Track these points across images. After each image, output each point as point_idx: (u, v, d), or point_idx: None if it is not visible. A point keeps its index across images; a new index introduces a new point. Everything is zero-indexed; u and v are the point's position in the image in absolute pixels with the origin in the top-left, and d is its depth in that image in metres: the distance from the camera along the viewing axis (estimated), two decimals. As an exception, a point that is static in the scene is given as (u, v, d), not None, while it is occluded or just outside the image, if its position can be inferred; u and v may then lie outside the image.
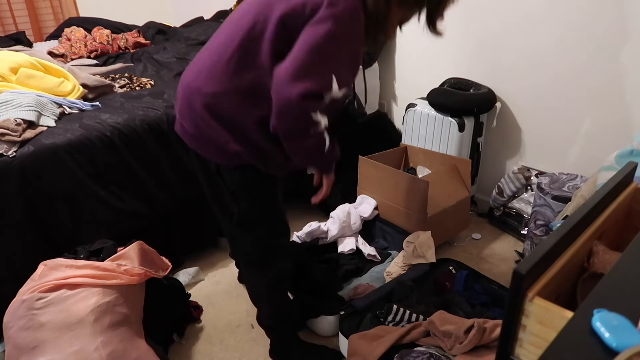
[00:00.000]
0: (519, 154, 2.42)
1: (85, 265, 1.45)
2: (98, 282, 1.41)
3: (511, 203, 2.36)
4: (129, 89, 2.31)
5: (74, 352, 1.29)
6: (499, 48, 2.30)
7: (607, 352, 0.58)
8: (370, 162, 2.26)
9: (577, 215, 0.82)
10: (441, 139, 2.40)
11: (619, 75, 1.93)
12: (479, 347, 1.48)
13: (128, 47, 3.13)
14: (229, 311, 1.96)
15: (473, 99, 2.30)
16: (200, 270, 2.15)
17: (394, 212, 2.21)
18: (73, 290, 1.38)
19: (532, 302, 0.69)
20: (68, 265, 1.45)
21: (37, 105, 1.83)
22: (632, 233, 0.85)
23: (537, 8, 2.10)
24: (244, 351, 1.77)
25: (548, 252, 0.72)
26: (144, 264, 1.54)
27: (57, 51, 2.89)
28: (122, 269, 1.48)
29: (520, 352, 0.73)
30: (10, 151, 1.65)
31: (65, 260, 1.47)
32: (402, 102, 2.89)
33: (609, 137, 2.02)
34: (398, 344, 1.52)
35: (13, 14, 3.53)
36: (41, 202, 1.71)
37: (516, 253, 2.27)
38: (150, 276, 1.56)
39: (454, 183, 2.26)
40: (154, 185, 1.98)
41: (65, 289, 1.38)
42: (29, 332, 1.32)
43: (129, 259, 1.52)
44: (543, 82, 2.18)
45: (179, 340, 1.79)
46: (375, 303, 1.74)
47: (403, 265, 1.97)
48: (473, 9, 2.34)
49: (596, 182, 1.62)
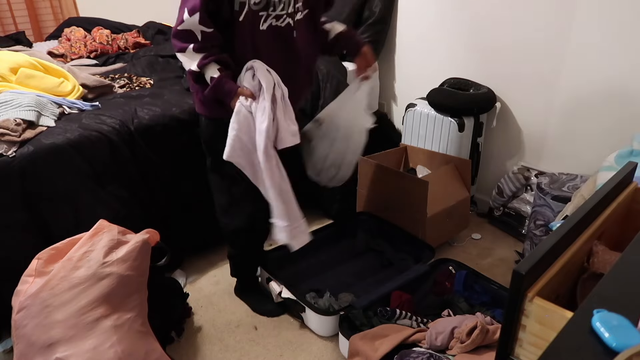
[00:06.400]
0: (519, 154, 2.42)
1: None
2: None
3: (511, 203, 2.36)
4: (129, 89, 2.31)
5: (89, 349, 1.30)
6: (499, 48, 2.30)
7: (607, 352, 0.58)
8: (370, 162, 2.26)
9: (577, 215, 0.82)
10: (441, 139, 2.40)
11: (619, 75, 1.93)
12: (480, 347, 1.48)
13: (128, 47, 3.12)
14: (229, 311, 1.96)
15: (473, 99, 2.30)
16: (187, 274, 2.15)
17: (394, 212, 2.21)
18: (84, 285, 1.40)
19: (532, 302, 0.69)
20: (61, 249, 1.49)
21: (37, 105, 1.83)
22: (632, 233, 0.85)
23: (537, 8, 2.10)
24: (243, 351, 1.77)
25: (548, 252, 0.72)
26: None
27: (57, 51, 2.89)
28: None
29: (520, 352, 0.73)
30: (10, 151, 1.65)
31: (56, 246, 1.50)
32: (402, 102, 2.89)
33: (609, 137, 2.02)
34: (398, 344, 1.52)
35: (13, 14, 3.52)
36: (41, 202, 1.71)
37: (516, 253, 2.27)
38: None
39: (454, 183, 2.26)
40: (154, 185, 1.98)
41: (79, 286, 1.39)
42: (45, 329, 1.32)
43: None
44: (543, 82, 2.18)
45: (178, 339, 1.80)
46: (375, 303, 1.75)
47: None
48: (473, 9, 2.34)
49: (596, 182, 1.62)
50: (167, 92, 2.19)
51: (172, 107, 2.04)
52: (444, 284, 1.89)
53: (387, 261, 2.15)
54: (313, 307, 1.77)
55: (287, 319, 1.91)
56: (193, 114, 2.02)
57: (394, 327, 1.61)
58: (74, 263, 1.43)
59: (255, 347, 1.78)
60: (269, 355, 1.75)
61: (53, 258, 1.48)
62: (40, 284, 1.39)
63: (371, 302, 1.74)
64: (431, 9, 2.54)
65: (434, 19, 2.54)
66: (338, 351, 1.74)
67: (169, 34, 3.31)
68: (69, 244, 1.52)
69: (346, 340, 1.61)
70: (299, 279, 2.01)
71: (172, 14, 1.46)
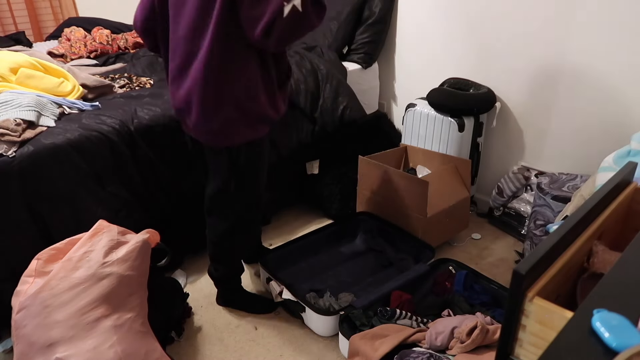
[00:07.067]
0: (519, 154, 2.42)
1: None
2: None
3: (511, 203, 2.36)
4: (129, 89, 2.31)
5: (89, 349, 1.30)
6: (499, 48, 2.30)
7: (607, 352, 0.58)
8: (370, 162, 2.26)
9: (577, 215, 0.82)
10: (441, 139, 2.40)
11: (619, 75, 1.93)
12: (480, 347, 1.48)
13: (128, 47, 3.12)
14: (229, 311, 1.95)
15: (473, 99, 2.30)
16: (188, 274, 2.16)
17: (394, 212, 2.21)
18: (84, 285, 1.40)
19: (532, 302, 0.69)
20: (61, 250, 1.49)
21: (37, 105, 1.83)
22: (632, 233, 0.85)
23: (537, 9, 2.10)
24: (243, 351, 1.77)
25: (548, 252, 0.72)
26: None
27: (57, 51, 2.89)
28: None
29: (520, 352, 0.73)
30: (10, 151, 1.65)
31: (56, 246, 1.50)
32: (402, 102, 2.89)
33: (609, 137, 2.02)
34: (398, 344, 1.52)
35: (13, 14, 3.52)
36: (41, 202, 1.71)
37: (516, 253, 2.27)
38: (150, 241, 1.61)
39: (454, 183, 2.26)
40: (154, 185, 1.99)
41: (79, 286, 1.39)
42: (45, 329, 1.33)
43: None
44: (543, 82, 2.18)
45: (178, 339, 1.80)
46: (375, 303, 1.75)
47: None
48: (473, 10, 2.34)
49: (595, 182, 1.62)
50: (167, 92, 2.19)
51: (172, 107, 2.04)
52: (444, 284, 1.89)
53: (387, 261, 2.15)
54: (313, 307, 1.77)
55: (287, 319, 1.91)
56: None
57: (394, 327, 1.61)
58: (74, 263, 1.43)
59: (255, 347, 1.78)
60: (269, 355, 1.75)
61: (53, 258, 1.48)
62: (40, 284, 1.39)
63: (371, 302, 1.74)
64: (431, 9, 2.54)
65: (434, 19, 2.55)
66: (338, 351, 1.74)
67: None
68: (69, 244, 1.53)
69: (346, 340, 1.61)
70: (299, 279, 2.01)
71: (172, 14, 1.46)
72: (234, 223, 1.72)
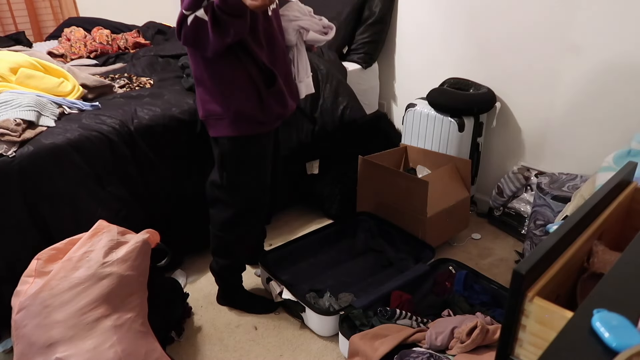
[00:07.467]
0: (519, 154, 2.42)
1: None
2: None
3: (511, 203, 2.36)
4: (129, 89, 2.31)
5: (89, 349, 1.31)
6: (499, 48, 2.30)
7: (607, 352, 0.58)
8: (370, 162, 2.26)
9: (577, 215, 0.82)
10: (441, 139, 2.40)
11: (619, 76, 1.93)
12: (480, 347, 1.48)
13: (128, 47, 3.12)
14: (229, 311, 1.95)
15: (473, 99, 2.30)
16: (188, 274, 2.16)
17: (394, 212, 2.21)
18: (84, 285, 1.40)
19: (532, 302, 0.69)
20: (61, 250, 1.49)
21: (37, 105, 1.83)
22: (632, 233, 0.85)
23: (537, 10, 2.10)
24: (243, 351, 1.77)
25: (548, 252, 0.72)
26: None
27: (57, 51, 2.89)
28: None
29: (520, 352, 0.73)
30: (10, 151, 1.65)
31: (56, 246, 1.50)
32: (402, 102, 2.89)
33: (609, 137, 2.02)
34: (398, 344, 1.52)
35: (13, 14, 3.52)
36: (41, 202, 1.71)
37: (516, 253, 2.27)
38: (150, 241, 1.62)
39: (454, 183, 2.26)
40: (154, 185, 1.98)
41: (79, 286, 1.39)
42: (45, 329, 1.33)
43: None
44: (543, 82, 2.18)
45: (178, 339, 1.80)
46: (375, 303, 1.75)
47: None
48: (473, 9, 2.34)
49: (595, 182, 1.62)
50: (167, 92, 2.19)
51: (172, 107, 2.04)
52: (444, 284, 1.89)
53: (387, 261, 2.15)
54: (313, 307, 1.77)
55: (287, 318, 1.91)
56: (193, 114, 2.03)
57: (394, 327, 1.61)
58: (74, 263, 1.43)
59: (255, 347, 1.78)
60: (269, 355, 1.75)
61: (53, 258, 1.48)
62: (40, 284, 1.39)
63: (371, 302, 1.74)
64: (431, 9, 2.54)
65: (434, 19, 2.55)
66: (338, 351, 1.74)
67: (168, 34, 3.31)
68: (69, 244, 1.53)
69: (346, 340, 1.61)
70: (299, 279, 2.01)
71: (172, 14, 1.47)
72: (232, 215, 1.74)
